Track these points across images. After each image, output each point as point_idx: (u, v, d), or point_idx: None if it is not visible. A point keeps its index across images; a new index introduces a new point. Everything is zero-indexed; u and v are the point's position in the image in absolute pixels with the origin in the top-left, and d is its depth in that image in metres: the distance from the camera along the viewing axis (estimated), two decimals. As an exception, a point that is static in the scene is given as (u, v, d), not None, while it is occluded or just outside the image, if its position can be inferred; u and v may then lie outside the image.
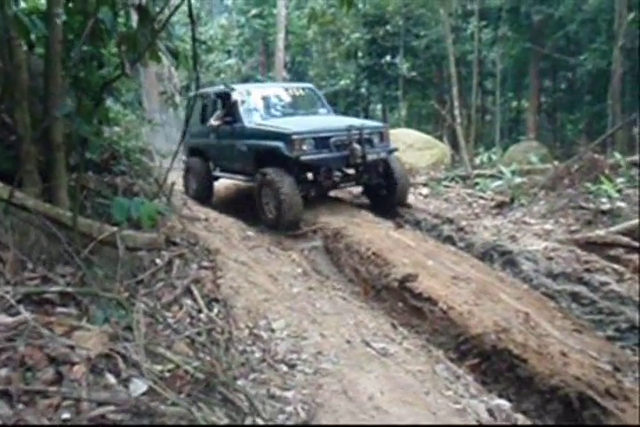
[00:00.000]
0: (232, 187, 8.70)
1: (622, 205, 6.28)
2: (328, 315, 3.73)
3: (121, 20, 4.35)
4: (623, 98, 16.27)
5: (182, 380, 2.07)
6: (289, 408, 2.60)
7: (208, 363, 2.48)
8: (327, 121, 7.51)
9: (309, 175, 6.73)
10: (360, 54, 19.94)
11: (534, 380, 3.54)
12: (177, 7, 3.47)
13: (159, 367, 2.19)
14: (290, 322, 3.55)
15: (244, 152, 7.12)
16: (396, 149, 7.40)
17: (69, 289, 2.57)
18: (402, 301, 4.57)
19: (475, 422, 2.81)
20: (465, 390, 3.15)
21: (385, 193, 7.28)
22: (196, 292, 3.56)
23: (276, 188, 6.16)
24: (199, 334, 2.93)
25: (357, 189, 7.95)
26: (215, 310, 3.45)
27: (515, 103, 24.36)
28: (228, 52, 20.17)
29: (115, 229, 3.63)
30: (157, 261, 3.81)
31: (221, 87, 8.22)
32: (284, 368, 3.04)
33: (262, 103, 7.84)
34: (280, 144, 6.36)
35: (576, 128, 22.68)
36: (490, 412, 3.01)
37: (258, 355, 3.13)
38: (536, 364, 3.64)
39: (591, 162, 7.18)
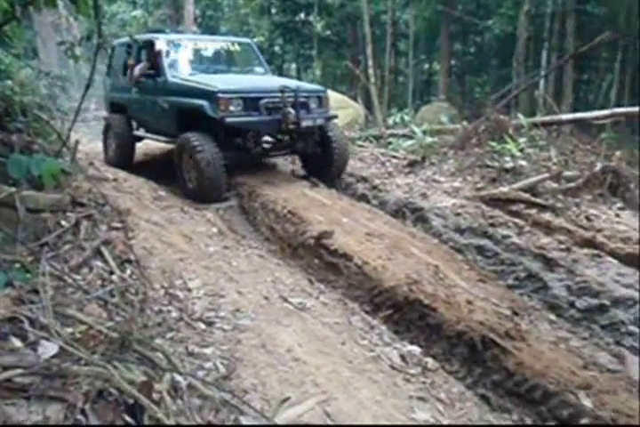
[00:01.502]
0: (141, 147, 8.31)
1: (524, 163, 6.67)
2: (245, 273, 3.74)
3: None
4: (527, 62, 17.07)
5: (95, 340, 2.01)
6: (208, 364, 2.61)
7: (123, 323, 2.42)
8: (260, 81, 6.91)
9: (236, 141, 6.17)
10: (274, 11, 19.41)
11: (443, 327, 3.76)
12: (73, -55, 3.17)
13: (70, 329, 2.11)
14: (206, 281, 3.53)
15: (165, 110, 6.51)
16: (335, 117, 6.87)
17: (-36, 252, 2.39)
18: (318, 257, 4.65)
19: (388, 367, 2.96)
20: (379, 339, 3.30)
21: (322, 163, 6.75)
22: (106, 253, 3.42)
23: (197, 155, 5.61)
24: (112, 295, 2.84)
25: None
26: (128, 272, 3.34)
27: (427, 65, 24.87)
28: (134, 2, 18.90)
29: (13, 189, 3.39)
30: (63, 222, 3.61)
31: (147, 35, 7.45)
32: (202, 326, 3.03)
33: (191, 56, 7.11)
34: (204, 103, 5.78)
35: (483, 90, 23.65)
36: (402, 357, 3.17)
37: (175, 314, 3.09)
38: (444, 312, 3.86)
39: (497, 123, 7.53)
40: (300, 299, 3.53)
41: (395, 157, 7.98)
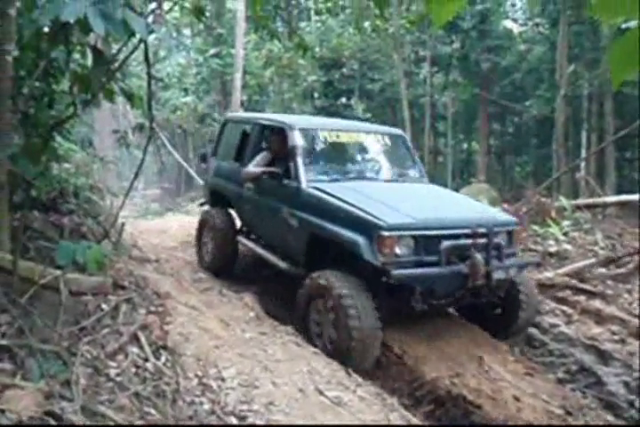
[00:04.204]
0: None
1: (568, 247, 6.49)
2: (281, 362, 3.63)
3: (76, 56, 4.32)
4: (567, 142, 17.14)
5: (123, 443, 1.95)
6: (238, 466, 2.48)
7: (152, 421, 2.34)
8: (434, 200, 4.83)
9: (395, 293, 4.18)
10: (316, 95, 20.40)
11: (488, 427, 3.52)
12: (133, 50, 3.46)
13: (99, 427, 2.06)
14: (241, 370, 3.43)
15: (292, 227, 4.70)
16: (528, 265, 5.00)
17: (4, 342, 2.41)
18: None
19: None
20: (420, 439, 3.10)
21: (495, 315, 4.79)
22: (143, 339, 3.41)
23: (343, 312, 3.83)
24: (145, 386, 2.78)
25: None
26: (163, 359, 3.30)
27: (465, 145, 25.27)
28: (185, 89, 20.24)
29: (58, 272, 3.48)
30: (103, 306, 3.65)
31: (275, 117, 5.84)
32: (234, 421, 2.91)
33: (332, 153, 5.33)
34: (359, 239, 3.94)
35: (524, 170, 23.71)
36: (445, 462, 2.95)
37: (207, 406, 2.99)
38: (490, 410, 3.63)
39: (538, 205, 7.44)
40: (336, 392, 3.38)
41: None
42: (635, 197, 8.08)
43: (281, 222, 4.84)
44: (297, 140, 4.98)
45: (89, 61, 3.98)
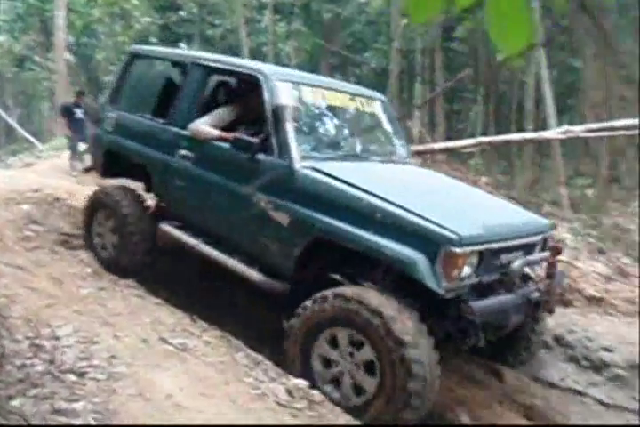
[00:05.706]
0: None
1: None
2: (122, 315, 3.54)
3: None
4: (401, 94, 18.18)
5: None
6: (77, 421, 2.41)
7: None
8: (467, 196, 3.83)
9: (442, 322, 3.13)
10: (153, 40, 19.13)
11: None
12: None
13: None
14: (78, 327, 3.28)
15: (275, 225, 3.39)
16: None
17: None
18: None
19: (274, 404, 2.91)
20: (264, 374, 3.24)
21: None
22: (-42, 304, 3.09)
23: (402, 369, 2.71)
24: (-38, 352, 2.54)
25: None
26: (-15, 324, 3.03)
27: (309, 96, 25.62)
28: (-4, 27, 17.73)
29: None
30: None
31: (234, 61, 4.26)
32: (72, 378, 2.79)
33: (317, 120, 4.01)
34: (413, 255, 2.83)
35: (363, 120, 24.75)
36: (289, 392, 3.14)
37: (40, 368, 2.83)
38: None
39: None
40: (181, 339, 3.39)
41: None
42: (457, 143, 8.89)
43: (252, 215, 3.51)
44: (282, 96, 3.52)
45: None
